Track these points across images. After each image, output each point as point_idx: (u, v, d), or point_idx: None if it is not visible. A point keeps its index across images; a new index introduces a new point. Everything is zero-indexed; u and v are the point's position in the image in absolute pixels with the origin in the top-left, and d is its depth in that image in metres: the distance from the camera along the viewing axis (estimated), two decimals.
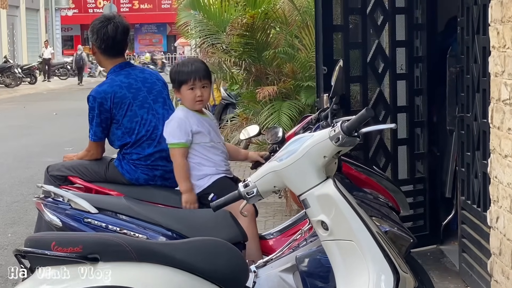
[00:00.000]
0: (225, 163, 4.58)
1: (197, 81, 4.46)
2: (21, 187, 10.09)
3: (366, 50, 6.18)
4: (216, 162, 4.50)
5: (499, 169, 4.39)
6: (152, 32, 56.99)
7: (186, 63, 4.58)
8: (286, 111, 7.57)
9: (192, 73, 4.47)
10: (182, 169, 4.44)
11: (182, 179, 4.44)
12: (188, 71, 4.49)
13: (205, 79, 4.50)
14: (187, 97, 4.49)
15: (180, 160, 4.44)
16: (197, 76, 4.46)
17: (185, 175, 4.43)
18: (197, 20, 9.00)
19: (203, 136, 4.48)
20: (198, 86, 4.46)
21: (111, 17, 4.79)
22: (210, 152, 4.50)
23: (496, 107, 4.43)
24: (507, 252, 4.28)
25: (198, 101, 4.48)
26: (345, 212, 3.15)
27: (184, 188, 4.44)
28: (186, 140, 4.43)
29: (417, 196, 6.47)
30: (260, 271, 3.70)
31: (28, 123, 18.53)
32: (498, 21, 4.36)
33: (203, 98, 4.50)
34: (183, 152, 4.44)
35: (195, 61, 4.62)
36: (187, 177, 4.44)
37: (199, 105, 4.51)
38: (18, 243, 6.90)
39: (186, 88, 4.48)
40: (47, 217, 4.31)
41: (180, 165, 4.44)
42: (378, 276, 3.11)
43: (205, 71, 4.53)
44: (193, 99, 4.48)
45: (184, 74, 4.49)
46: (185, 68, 4.52)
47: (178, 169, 4.45)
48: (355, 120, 3.12)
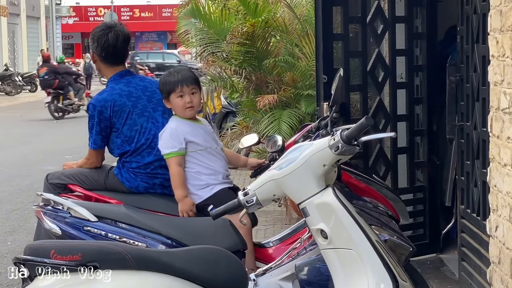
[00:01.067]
0: (224, 169, 4.58)
1: (185, 87, 4.48)
2: (20, 195, 10.09)
3: (366, 59, 6.19)
4: (216, 169, 4.50)
5: (498, 178, 4.39)
6: (152, 40, 57.15)
7: (172, 72, 4.62)
8: (286, 119, 7.57)
9: (179, 81, 4.51)
10: (177, 177, 4.45)
11: (177, 187, 4.45)
12: (174, 79, 4.52)
13: (193, 85, 4.53)
14: (177, 105, 4.51)
15: (174, 169, 4.45)
16: (184, 83, 4.49)
17: (180, 183, 4.44)
18: (198, 28, 9.00)
19: (198, 143, 4.49)
20: (186, 92, 4.48)
21: (112, 25, 4.81)
22: (208, 158, 4.50)
23: (495, 116, 4.43)
24: (506, 261, 4.27)
25: (189, 107, 4.50)
26: (344, 221, 3.15)
27: (179, 196, 4.45)
28: (180, 148, 4.45)
29: (416, 205, 6.47)
30: (259, 279, 3.70)
31: (28, 131, 18.55)
32: (497, 30, 4.37)
33: (193, 104, 4.51)
34: (178, 161, 4.45)
35: (181, 70, 4.65)
36: (183, 185, 4.45)
37: (190, 111, 4.52)
38: (18, 251, 6.89)
39: (175, 96, 4.50)
40: (46, 225, 4.31)
41: (175, 174, 4.46)
42: (378, 284, 3.11)
43: (192, 78, 4.57)
44: (183, 106, 4.49)
45: (171, 83, 4.52)
46: (171, 77, 4.55)
47: (173, 178, 4.47)
48: (354, 129, 3.12)
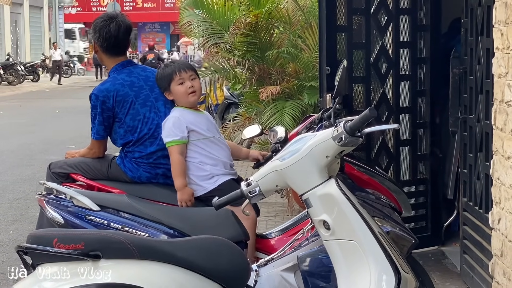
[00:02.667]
0: (228, 159, 4.57)
1: (183, 73, 4.51)
2: (23, 184, 10.10)
3: (370, 51, 6.18)
4: (219, 159, 4.50)
5: (501, 171, 4.38)
6: (155, 31, 57.03)
7: (167, 65, 4.69)
8: (289, 111, 7.57)
9: (176, 68, 4.54)
10: (178, 166, 4.45)
11: (177, 176, 4.45)
12: (171, 69, 4.56)
13: (191, 71, 4.56)
14: (179, 93, 4.52)
15: (176, 157, 4.45)
16: (182, 69, 4.53)
17: (181, 172, 4.44)
18: (200, 19, 9.00)
19: (200, 131, 4.49)
20: (186, 78, 4.50)
21: (113, 16, 4.80)
22: (211, 147, 4.50)
23: (499, 108, 4.42)
24: (508, 253, 4.27)
25: (191, 92, 4.50)
26: (347, 212, 3.14)
27: (178, 184, 4.44)
28: (182, 137, 4.45)
29: (419, 197, 6.47)
30: (261, 270, 3.70)
31: (31, 121, 18.55)
32: (502, 22, 4.36)
33: (195, 88, 4.52)
34: (179, 149, 4.45)
35: (175, 61, 4.74)
36: (183, 174, 4.45)
37: (193, 97, 4.52)
38: (20, 240, 6.91)
39: (175, 84, 4.52)
40: (49, 214, 4.31)
41: (175, 162, 4.45)
42: (380, 276, 3.11)
43: (188, 65, 4.64)
44: (185, 92, 4.50)
45: (169, 73, 4.55)
46: (167, 69, 4.61)
47: (173, 166, 4.47)
48: (358, 120, 3.11)
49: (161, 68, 4.68)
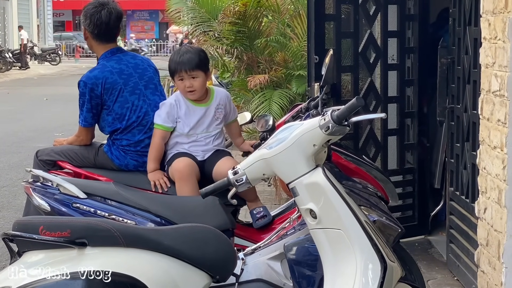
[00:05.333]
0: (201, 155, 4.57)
1: (184, 72, 4.47)
2: (10, 172, 10.07)
3: (358, 40, 6.18)
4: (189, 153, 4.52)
5: (487, 160, 4.40)
6: (144, 19, 56.90)
7: (177, 52, 4.60)
8: (277, 99, 7.57)
9: (179, 64, 4.49)
10: (155, 150, 4.53)
11: (151, 159, 4.53)
12: (177, 61, 4.51)
13: (194, 71, 4.47)
14: (179, 87, 4.54)
15: (157, 140, 4.52)
16: (183, 68, 4.47)
17: (155, 156, 4.53)
18: (189, 7, 8.98)
19: (185, 127, 4.51)
20: (186, 77, 4.48)
21: (104, 3, 4.77)
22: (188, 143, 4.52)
23: (486, 98, 4.44)
24: (494, 243, 4.29)
25: (189, 91, 4.49)
26: (333, 201, 3.15)
27: (150, 168, 4.53)
28: (170, 125, 4.50)
29: (406, 187, 6.49)
30: (248, 258, 3.70)
31: (18, 108, 18.47)
32: (489, 12, 4.37)
33: (194, 88, 4.49)
34: (163, 135, 4.52)
35: (187, 52, 4.55)
36: (157, 159, 4.53)
37: (191, 95, 4.51)
38: (7, 227, 6.88)
39: (177, 79, 4.52)
40: (35, 201, 4.30)
41: (155, 145, 4.53)
42: (366, 265, 3.12)
43: (195, 62, 4.49)
44: (183, 89, 4.50)
45: (173, 65, 4.52)
46: (175, 57, 4.54)
47: (152, 149, 4.54)
48: (345, 109, 3.11)
49: (175, 52, 4.66)
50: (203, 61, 4.56)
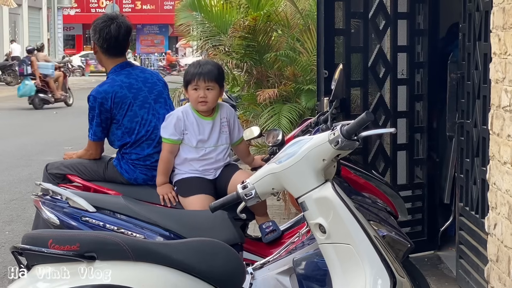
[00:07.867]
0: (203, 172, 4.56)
1: (201, 81, 4.47)
2: (19, 185, 10.09)
3: (368, 55, 6.18)
4: (194, 168, 4.52)
5: (498, 176, 4.39)
6: (154, 33, 57.03)
7: (196, 64, 4.61)
8: (286, 114, 7.56)
9: (197, 74, 4.49)
10: (164, 164, 4.53)
11: (160, 173, 4.54)
12: (194, 71, 4.51)
13: (211, 82, 4.48)
14: (192, 97, 4.52)
15: (165, 154, 4.52)
16: (201, 77, 4.47)
17: (164, 170, 4.53)
18: (198, 21, 9.00)
19: (192, 140, 4.49)
20: (201, 87, 4.47)
21: (114, 17, 4.79)
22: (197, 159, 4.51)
23: (496, 113, 4.43)
24: (504, 259, 4.27)
25: (201, 102, 4.48)
26: (343, 216, 3.14)
27: (158, 181, 4.53)
28: (178, 138, 4.50)
29: (415, 202, 6.47)
30: (257, 273, 3.70)
31: (28, 121, 18.53)
32: (499, 27, 4.36)
33: (207, 99, 4.48)
34: (171, 148, 4.51)
35: (206, 63, 4.59)
36: (166, 173, 4.54)
37: (202, 106, 4.50)
38: (16, 241, 6.89)
39: (191, 88, 4.52)
40: (45, 215, 4.30)
41: (163, 159, 4.53)
42: (375, 280, 3.10)
43: (213, 74, 4.50)
44: (196, 99, 4.49)
45: (190, 74, 4.52)
46: (193, 68, 4.55)
47: (160, 162, 4.55)
48: (355, 124, 3.11)
49: (192, 64, 4.67)
50: (221, 76, 4.60)
